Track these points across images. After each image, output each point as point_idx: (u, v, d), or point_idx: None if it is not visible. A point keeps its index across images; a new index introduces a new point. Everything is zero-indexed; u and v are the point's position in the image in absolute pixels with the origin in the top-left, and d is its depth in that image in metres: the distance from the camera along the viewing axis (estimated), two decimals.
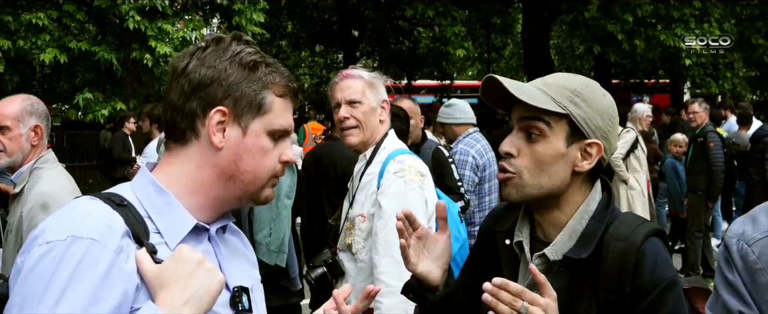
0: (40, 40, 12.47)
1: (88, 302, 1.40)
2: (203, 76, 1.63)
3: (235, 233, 1.84)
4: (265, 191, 1.70)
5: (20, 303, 1.42)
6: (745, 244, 1.50)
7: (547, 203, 2.03)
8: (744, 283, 1.48)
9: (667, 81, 30.20)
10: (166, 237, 1.60)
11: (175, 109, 1.65)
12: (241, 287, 1.66)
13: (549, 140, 1.98)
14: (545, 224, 2.07)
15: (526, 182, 1.99)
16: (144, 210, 1.60)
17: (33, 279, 1.42)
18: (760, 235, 1.49)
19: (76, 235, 1.45)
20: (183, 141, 1.65)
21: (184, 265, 1.51)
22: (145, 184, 1.65)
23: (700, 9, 18.31)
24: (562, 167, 1.99)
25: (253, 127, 1.65)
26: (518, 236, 2.09)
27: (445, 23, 18.53)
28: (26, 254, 1.47)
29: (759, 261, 1.47)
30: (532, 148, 1.98)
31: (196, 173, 1.65)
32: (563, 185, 2.01)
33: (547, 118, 1.97)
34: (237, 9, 13.95)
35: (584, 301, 1.95)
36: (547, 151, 1.97)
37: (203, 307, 1.51)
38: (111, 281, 1.44)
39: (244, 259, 1.82)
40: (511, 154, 2.01)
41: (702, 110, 9.72)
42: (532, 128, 1.98)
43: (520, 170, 1.99)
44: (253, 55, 1.67)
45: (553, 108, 1.96)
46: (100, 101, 13.05)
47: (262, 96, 1.66)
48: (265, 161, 1.67)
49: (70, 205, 1.56)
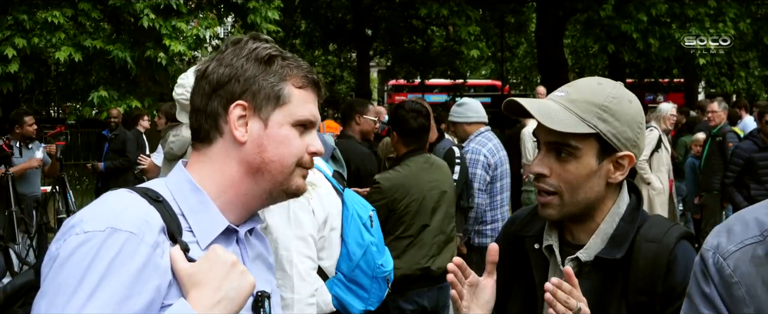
0: (55, 38, 12.55)
1: (123, 295, 1.40)
2: (221, 75, 1.64)
3: (260, 237, 1.84)
4: (295, 180, 1.69)
5: (55, 290, 1.41)
6: (720, 257, 1.47)
7: (583, 215, 2.02)
8: (721, 296, 1.47)
9: (682, 80, 30.08)
10: (197, 236, 1.60)
11: (198, 111, 1.66)
12: (263, 292, 1.66)
13: (580, 160, 1.94)
14: (576, 229, 2.06)
15: (566, 201, 1.97)
16: (178, 208, 1.60)
17: (69, 268, 1.41)
18: (734, 247, 1.47)
19: (116, 227, 1.44)
20: (208, 141, 1.67)
21: (218, 266, 1.52)
22: (181, 182, 1.65)
23: (715, 8, 18.22)
24: (597, 182, 1.97)
25: (274, 118, 1.66)
26: (548, 240, 2.07)
27: (460, 23, 18.53)
28: (62, 241, 1.46)
29: (734, 274, 1.45)
30: (564, 168, 1.95)
31: (224, 170, 1.66)
32: (599, 197, 2.00)
33: (576, 139, 1.93)
34: (252, 7, 13.99)
35: (614, 302, 1.96)
36: (581, 171, 1.95)
37: (234, 309, 1.52)
38: (146, 275, 1.44)
39: (265, 264, 1.82)
40: (544, 174, 1.98)
41: (721, 110, 9.65)
42: (561, 148, 1.95)
43: (558, 190, 1.97)
44: (269, 50, 1.68)
45: (583, 130, 1.92)
46: (114, 99, 13.11)
47: (280, 87, 1.66)
48: (291, 149, 1.67)
49: (108, 196, 1.56)
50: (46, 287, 1.43)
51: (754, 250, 1.47)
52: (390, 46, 26.35)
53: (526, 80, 41.20)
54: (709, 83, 26.57)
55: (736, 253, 1.47)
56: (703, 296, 1.50)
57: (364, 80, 25.47)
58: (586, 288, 1.88)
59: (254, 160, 1.65)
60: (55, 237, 1.51)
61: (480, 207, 6.08)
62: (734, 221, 1.55)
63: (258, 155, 1.65)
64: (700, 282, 1.52)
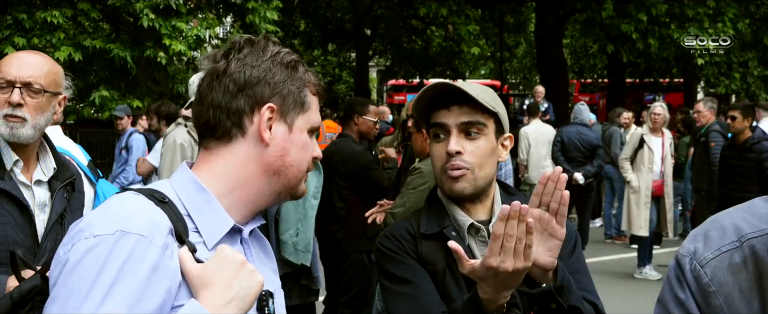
0: (54, 38, 12.56)
1: (135, 297, 1.40)
2: (249, 76, 1.66)
3: (261, 239, 1.85)
4: (302, 185, 1.76)
5: (66, 296, 1.40)
6: (697, 265, 1.45)
7: (483, 191, 2.31)
8: (697, 304, 1.45)
9: (681, 80, 30.08)
10: (204, 237, 1.61)
11: (219, 108, 1.66)
12: (267, 291, 1.66)
13: (487, 137, 2.28)
14: (475, 210, 2.33)
15: (477, 175, 2.27)
16: (184, 208, 1.61)
17: (80, 273, 1.41)
18: (711, 255, 1.46)
19: (125, 230, 1.44)
20: (227, 139, 1.67)
21: (227, 265, 1.53)
22: (186, 182, 1.66)
23: (714, 8, 18.23)
24: (493, 160, 2.31)
25: (297, 123, 1.70)
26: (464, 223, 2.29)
27: (459, 22, 18.53)
28: (70, 246, 1.46)
29: (712, 283, 1.43)
30: (475, 144, 2.27)
31: (240, 169, 1.67)
32: (493, 173, 2.33)
33: (484, 119, 2.27)
34: (251, 7, 14.00)
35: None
36: (487, 147, 2.28)
37: (245, 308, 1.53)
38: (157, 277, 1.44)
39: (266, 266, 1.83)
40: (460, 152, 2.25)
41: (706, 110, 9.66)
42: (474, 127, 2.26)
43: (471, 165, 2.26)
44: (292, 56, 1.72)
45: (493, 108, 2.27)
46: (115, 98, 13.12)
47: (304, 93, 1.71)
48: (307, 154, 1.73)
49: (115, 200, 1.56)
50: (57, 292, 1.43)
51: (731, 257, 1.45)
52: (389, 46, 26.36)
53: (526, 80, 41.21)
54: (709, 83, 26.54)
55: (712, 261, 1.46)
56: (677, 302, 1.48)
57: (363, 80, 25.47)
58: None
59: (275, 162, 1.68)
60: (62, 242, 1.51)
61: None
62: (711, 226, 1.53)
63: (280, 158, 1.68)
64: (674, 288, 1.50)
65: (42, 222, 2.80)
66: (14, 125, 2.73)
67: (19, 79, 2.74)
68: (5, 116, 2.72)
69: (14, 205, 2.71)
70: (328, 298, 6.62)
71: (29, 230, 2.73)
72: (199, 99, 1.71)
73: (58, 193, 2.84)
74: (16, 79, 2.74)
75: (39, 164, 2.90)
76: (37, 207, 2.80)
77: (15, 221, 2.70)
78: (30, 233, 2.73)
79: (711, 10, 18.21)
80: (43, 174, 2.87)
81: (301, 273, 5.37)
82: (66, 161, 3.00)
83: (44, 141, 2.93)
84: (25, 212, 2.73)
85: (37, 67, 2.81)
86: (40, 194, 2.83)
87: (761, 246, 1.44)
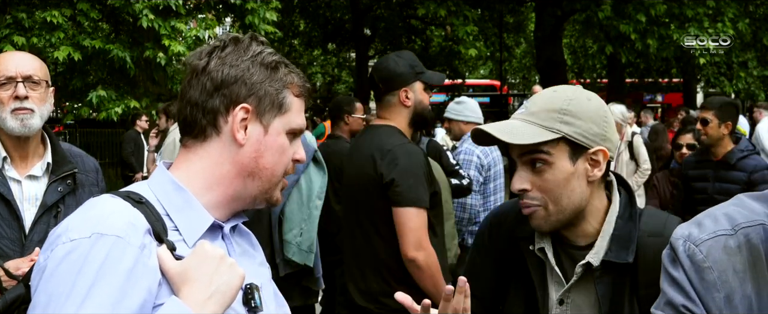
0: (54, 37, 12.54)
1: (115, 299, 1.41)
2: (226, 75, 1.66)
3: (245, 234, 1.85)
4: (276, 192, 1.73)
5: (46, 301, 1.42)
6: (692, 244, 1.50)
7: (573, 219, 2.06)
8: (690, 280, 1.49)
9: (681, 80, 30.08)
10: (184, 235, 1.62)
11: (195, 106, 1.67)
12: (252, 284, 1.67)
13: (555, 166, 2.00)
14: (569, 232, 2.10)
15: (551, 211, 2.02)
16: (162, 208, 1.62)
17: (59, 277, 1.42)
18: (706, 236, 1.50)
19: (101, 232, 1.45)
20: (203, 137, 1.68)
21: (206, 261, 1.53)
22: (163, 182, 1.66)
23: (714, 8, 18.22)
24: (577, 184, 2.02)
25: (274, 125, 1.69)
26: (540, 243, 2.10)
27: (458, 22, 18.52)
28: (49, 252, 1.47)
29: (707, 259, 1.48)
30: (542, 178, 2.00)
31: (215, 169, 1.67)
32: (584, 198, 2.04)
33: (545, 147, 1.99)
34: (250, 8, 14.00)
35: (627, 299, 2.01)
36: (558, 177, 2.00)
37: (226, 302, 1.53)
38: (136, 277, 1.45)
39: (252, 259, 1.82)
40: (525, 189, 2.03)
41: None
42: (535, 160, 2.01)
43: (542, 202, 2.02)
44: (274, 56, 1.71)
45: (547, 137, 1.98)
46: (113, 99, 13.11)
47: (283, 95, 1.70)
48: (283, 158, 1.71)
49: (92, 203, 1.57)
50: (38, 298, 1.45)
51: (725, 241, 1.50)
52: (389, 46, 26.32)
53: (525, 80, 41.21)
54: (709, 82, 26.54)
55: (708, 241, 1.50)
56: (671, 280, 1.53)
57: (362, 80, 25.46)
58: (602, 291, 1.95)
59: (249, 164, 1.68)
60: (42, 248, 1.52)
61: (473, 208, 6.08)
62: (703, 216, 1.57)
63: (253, 159, 1.68)
64: (668, 268, 1.55)
65: (32, 216, 2.90)
66: (24, 117, 2.86)
67: (20, 73, 2.87)
68: (13, 110, 2.85)
69: (0, 200, 2.83)
70: (325, 299, 6.62)
71: (16, 223, 2.84)
72: (179, 96, 1.72)
73: (50, 187, 2.93)
74: (17, 74, 2.87)
75: (40, 160, 3.00)
76: (25, 201, 2.90)
77: (0, 215, 2.82)
78: (17, 226, 2.84)
79: (711, 10, 18.20)
80: (41, 169, 2.97)
81: (302, 274, 5.37)
82: (69, 155, 3.08)
83: (46, 135, 3.05)
84: (10, 206, 2.84)
85: (32, 61, 2.97)
86: (32, 189, 2.93)
87: (755, 235, 1.49)
